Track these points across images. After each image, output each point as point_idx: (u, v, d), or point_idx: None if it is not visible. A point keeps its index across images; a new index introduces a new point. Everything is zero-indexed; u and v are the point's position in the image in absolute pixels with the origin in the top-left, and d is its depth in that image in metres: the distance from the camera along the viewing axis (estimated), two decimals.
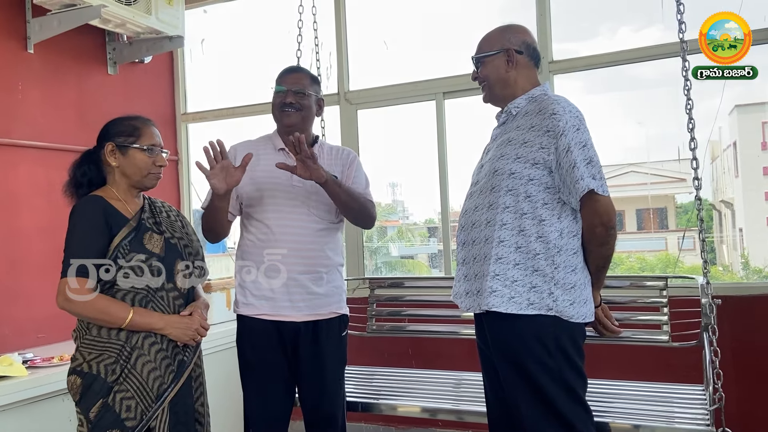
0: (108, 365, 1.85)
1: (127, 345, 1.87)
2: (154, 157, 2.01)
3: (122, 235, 1.91)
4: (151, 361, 1.88)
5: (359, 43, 3.95)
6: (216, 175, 2.10)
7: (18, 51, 3.26)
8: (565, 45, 3.45)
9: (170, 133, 4.29)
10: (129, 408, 1.83)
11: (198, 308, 2.04)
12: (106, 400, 1.82)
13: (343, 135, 3.87)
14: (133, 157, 1.99)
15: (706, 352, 2.45)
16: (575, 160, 1.87)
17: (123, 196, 2.00)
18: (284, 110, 2.33)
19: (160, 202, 2.14)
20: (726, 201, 7.06)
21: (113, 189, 2.00)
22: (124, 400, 1.83)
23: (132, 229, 1.94)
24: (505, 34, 2.11)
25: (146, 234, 1.96)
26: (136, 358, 1.87)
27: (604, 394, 2.60)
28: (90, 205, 1.93)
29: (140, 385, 1.85)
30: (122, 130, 2.00)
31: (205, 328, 2.03)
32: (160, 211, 2.09)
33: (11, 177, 3.19)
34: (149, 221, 2.00)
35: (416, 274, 5.56)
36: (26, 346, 2.97)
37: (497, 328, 1.97)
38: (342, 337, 2.39)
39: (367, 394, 2.87)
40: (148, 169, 2.00)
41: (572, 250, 1.94)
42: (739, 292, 2.96)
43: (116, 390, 1.83)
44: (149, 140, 2.01)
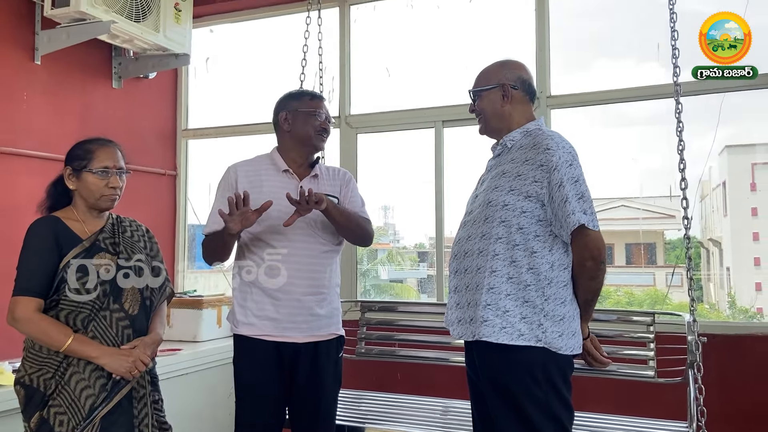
0: (46, 380, 1.91)
1: (64, 362, 1.92)
2: (107, 179, 2.04)
3: (72, 254, 1.96)
4: (85, 379, 1.92)
5: (362, 68, 4.03)
6: (234, 220, 2.14)
7: (25, 62, 3.32)
8: (560, 78, 3.53)
9: (170, 149, 4.33)
10: (62, 423, 1.88)
11: (143, 344, 2.03)
12: (42, 413, 1.88)
13: (342, 157, 3.93)
14: (85, 181, 2.03)
15: (690, 389, 2.49)
16: (567, 194, 1.92)
17: (82, 217, 2.05)
18: (322, 135, 2.40)
19: (129, 221, 2.18)
20: (714, 239, 7.12)
21: (74, 210, 2.06)
22: (58, 414, 1.89)
23: (83, 249, 1.98)
24: (502, 70, 2.17)
25: (98, 254, 2.00)
26: (70, 375, 1.91)
27: (590, 427, 2.63)
28: (42, 225, 2.00)
29: (72, 401, 1.90)
30: (78, 154, 2.05)
31: (145, 363, 2.00)
32: (124, 230, 2.13)
33: (14, 187, 3.22)
34: (105, 241, 2.04)
35: (408, 299, 5.56)
36: (16, 356, 2.96)
37: (487, 358, 2.00)
38: (339, 358, 2.41)
39: (354, 417, 2.88)
40: (101, 192, 2.04)
41: (562, 282, 1.98)
42: (725, 330, 3.01)
43: (50, 404, 1.89)
44: (101, 163, 2.04)
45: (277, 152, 2.43)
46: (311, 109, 2.37)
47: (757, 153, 5.87)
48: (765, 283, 6.00)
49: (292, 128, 2.38)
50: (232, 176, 2.36)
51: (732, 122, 3.66)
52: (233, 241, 2.27)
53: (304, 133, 2.37)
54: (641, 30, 3.69)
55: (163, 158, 4.26)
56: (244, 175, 2.35)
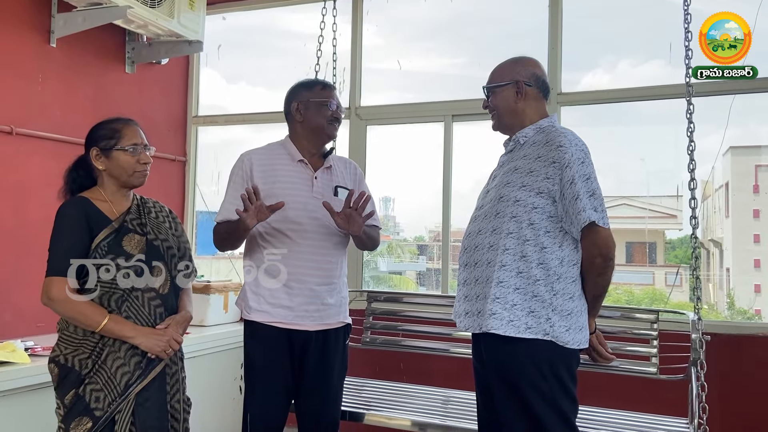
0: (82, 360, 1.95)
1: (99, 343, 1.96)
2: (138, 155, 2.07)
3: (102, 235, 1.99)
4: (120, 357, 1.97)
5: (373, 60, 4.05)
6: (249, 215, 2.16)
7: (41, 44, 3.33)
8: (569, 75, 3.55)
9: (180, 135, 4.35)
10: (98, 399, 1.92)
11: (175, 322, 2.08)
12: (77, 391, 1.93)
13: (351, 149, 3.95)
14: (117, 159, 2.06)
15: (693, 386, 2.52)
16: (578, 192, 1.95)
17: (110, 197, 2.07)
18: (334, 124, 2.42)
19: (152, 203, 2.20)
20: (715, 240, 7.15)
21: (101, 191, 2.08)
22: (94, 391, 1.93)
23: (113, 230, 2.01)
24: (516, 67, 2.19)
25: (127, 235, 2.03)
26: (106, 355, 1.95)
27: (592, 421, 2.66)
28: (72, 207, 2.01)
29: (108, 378, 1.94)
30: (104, 134, 2.07)
31: (178, 342, 2.07)
32: (149, 211, 2.15)
33: (26, 166, 3.25)
34: (133, 222, 2.07)
35: (414, 291, 5.60)
36: (27, 333, 3.01)
37: (494, 350, 2.03)
38: (346, 346, 2.45)
39: (356, 404, 2.91)
40: (133, 168, 2.07)
41: (571, 278, 2.01)
42: (727, 330, 3.04)
43: (87, 382, 1.93)
44: (130, 140, 2.07)
45: (291, 141, 2.44)
46: (323, 100, 2.38)
47: (762, 155, 5.88)
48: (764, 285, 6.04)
49: (304, 118, 2.39)
50: (247, 165, 2.36)
51: (737, 123, 3.68)
52: (247, 234, 2.29)
53: (316, 123, 2.38)
54: (653, 30, 3.71)
55: (174, 144, 4.28)
56: (258, 164, 2.36)
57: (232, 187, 2.37)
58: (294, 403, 2.41)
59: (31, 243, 3.23)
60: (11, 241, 3.18)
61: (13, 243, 3.18)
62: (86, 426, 1.91)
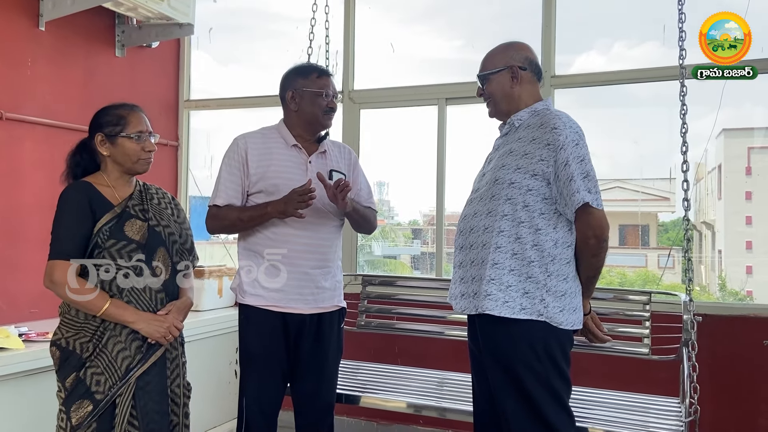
0: (83, 343, 1.96)
1: (101, 327, 1.97)
2: (143, 143, 2.07)
3: (104, 220, 1.99)
4: (121, 341, 1.97)
5: (366, 43, 4.02)
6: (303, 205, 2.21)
7: (30, 28, 3.29)
8: (562, 57, 3.54)
9: (172, 119, 4.32)
10: (98, 382, 1.94)
11: (176, 308, 2.10)
12: (78, 374, 1.94)
13: (345, 133, 3.94)
14: (122, 146, 2.05)
15: (684, 366, 2.55)
16: (573, 173, 1.95)
17: (113, 183, 2.07)
18: (330, 114, 2.40)
19: (155, 189, 2.20)
20: (707, 222, 7.19)
21: (104, 176, 2.08)
22: (95, 375, 1.94)
23: (115, 215, 2.01)
24: (509, 51, 2.19)
25: (129, 221, 2.03)
26: (107, 339, 1.96)
27: (585, 401, 2.69)
28: (76, 191, 2.01)
29: (109, 362, 1.95)
30: (109, 120, 2.06)
31: (179, 328, 2.08)
32: (152, 197, 2.15)
33: (17, 152, 3.22)
34: (135, 208, 2.07)
35: (408, 274, 5.62)
36: (20, 320, 3.00)
37: (489, 331, 2.04)
38: (341, 329, 2.46)
39: (351, 387, 2.93)
40: (138, 155, 2.07)
41: (565, 259, 2.02)
42: (719, 311, 3.07)
43: (88, 366, 1.94)
44: (136, 127, 2.07)
45: (285, 126, 2.42)
46: (319, 90, 2.36)
47: (755, 137, 5.90)
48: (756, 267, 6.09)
49: (299, 107, 2.38)
50: (242, 148, 2.35)
51: (730, 105, 3.68)
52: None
53: (312, 114, 2.37)
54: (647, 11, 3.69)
55: (165, 129, 4.25)
56: (253, 148, 2.35)
57: (227, 171, 2.35)
58: (290, 387, 2.43)
59: (24, 228, 3.23)
60: (3, 227, 3.16)
61: (5, 229, 3.17)
62: (87, 409, 1.92)
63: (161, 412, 2.03)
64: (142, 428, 1.96)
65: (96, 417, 1.92)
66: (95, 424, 1.92)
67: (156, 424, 2.00)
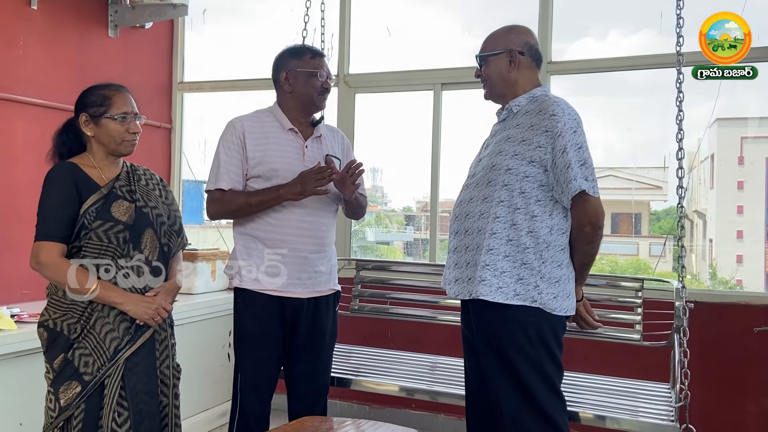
0: (71, 324, 1.95)
1: (88, 308, 1.96)
2: (127, 124, 2.04)
3: (91, 201, 1.96)
4: (110, 323, 1.97)
5: (362, 27, 3.99)
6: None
7: (22, 7, 3.25)
8: (558, 44, 3.53)
9: (165, 101, 4.29)
10: (87, 364, 1.93)
11: (164, 290, 2.09)
12: (66, 355, 1.93)
13: (340, 117, 3.92)
14: (106, 127, 2.02)
15: (675, 353, 2.57)
16: (570, 160, 1.95)
17: (99, 164, 2.05)
18: (324, 95, 2.39)
19: (143, 170, 2.18)
20: (699, 211, 7.23)
21: (90, 156, 2.06)
22: (83, 356, 1.94)
23: (102, 196, 1.99)
24: (509, 35, 2.17)
25: (116, 202, 2.01)
26: (95, 320, 1.96)
27: (576, 385, 2.71)
28: (61, 171, 1.98)
29: (97, 343, 1.95)
30: (94, 100, 2.03)
31: (167, 309, 2.08)
32: (139, 178, 2.13)
33: (8, 132, 3.19)
34: (122, 189, 2.05)
35: (401, 259, 5.64)
36: (12, 301, 2.99)
37: (483, 316, 2.05)
38: (336, 312, 2.47)
39: (344, 370, 2.94)
40: (122, 137, 2.04)
41: (560, 246, 2.03)
42: (710, 298, 3.09)
43: (76, 347, 1.94)
44: (121, 109, 2.04)
45: (279, 109, 2.40)
46: (312, 70, 2.34)
47: (748, 127, 5.92)
48: (746, 256, 6.14)
49: (293, 89, 2.36)
50: (239, 131, 2.32)
51: (724, 95, 3.69)
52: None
53: (306, 94, 2.35)
54: None
55: (159, 111, 4.22)
56: (250, 131, 2.33)
57: (226, 154, 2.31)
58: (284, 370, 2.43)
59: (16, 209, 3.20)
60: None
61: None
62: (75, 390, 1.92)
63: (150, 393, 2.03)
64: (132, 409, 1.96)
65: (84, 398, 1.92)
66: (84, 405, 1.92)
67: (145, 405, 2.00)
